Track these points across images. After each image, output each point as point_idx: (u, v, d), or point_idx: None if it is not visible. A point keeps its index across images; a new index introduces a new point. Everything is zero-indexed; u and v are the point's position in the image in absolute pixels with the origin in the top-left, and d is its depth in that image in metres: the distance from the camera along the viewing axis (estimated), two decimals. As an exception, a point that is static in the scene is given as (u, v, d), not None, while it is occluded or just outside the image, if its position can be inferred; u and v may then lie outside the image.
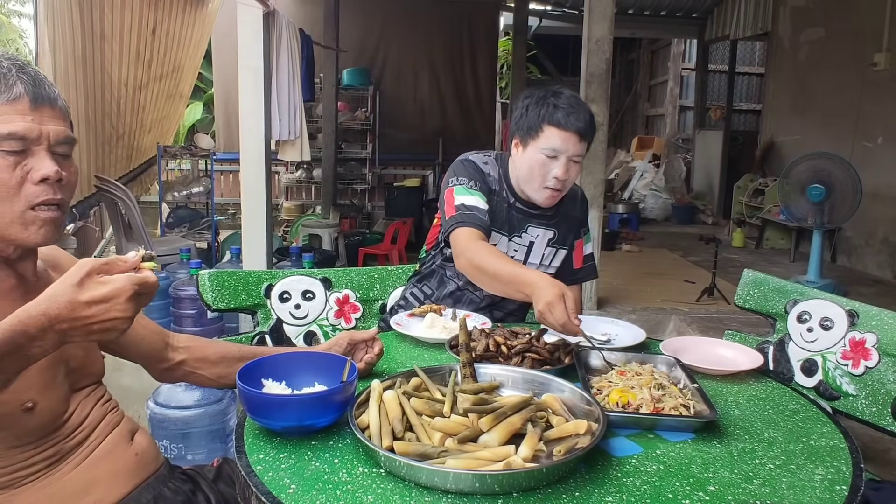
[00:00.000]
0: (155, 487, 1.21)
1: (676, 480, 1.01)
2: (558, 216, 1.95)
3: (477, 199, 1.83)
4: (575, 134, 1.75)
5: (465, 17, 9.03)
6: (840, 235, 5.94)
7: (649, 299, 4.45)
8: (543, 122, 1.77)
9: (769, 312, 1.87)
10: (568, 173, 1.79)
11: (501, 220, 1.90)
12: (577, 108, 1.77)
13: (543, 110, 1.77)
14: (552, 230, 1.94)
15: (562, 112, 1.75)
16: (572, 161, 1.79)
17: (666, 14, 9.11)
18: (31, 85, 0.97)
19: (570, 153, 1.77)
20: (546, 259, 1.96)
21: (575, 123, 1.75)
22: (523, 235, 1.92)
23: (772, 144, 7.36)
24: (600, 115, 3.84)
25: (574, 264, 2.03)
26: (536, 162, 1.79)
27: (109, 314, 0.84)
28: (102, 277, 0.84)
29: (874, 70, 5.43)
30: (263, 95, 3.62)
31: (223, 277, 1.92)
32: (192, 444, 2.29)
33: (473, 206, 1.82)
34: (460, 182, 1.86)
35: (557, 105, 1.76)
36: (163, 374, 1.35)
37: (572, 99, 1.79)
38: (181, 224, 5.85)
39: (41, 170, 0.97)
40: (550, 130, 1.77)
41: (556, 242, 1.96)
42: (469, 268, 1.76)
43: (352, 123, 8.42)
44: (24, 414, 1.02)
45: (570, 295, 1.50)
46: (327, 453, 1.07)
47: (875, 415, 1.61)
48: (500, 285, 1.69)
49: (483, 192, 1.85)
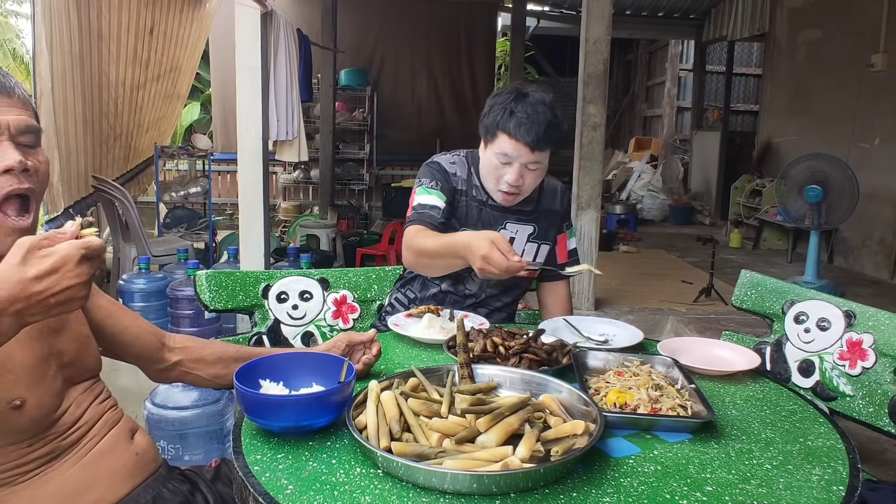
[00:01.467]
0: (154, 488, 1.20)
1: (674, 481, 1.02)
2: (538, 211, 1.95)
3: (434, 197, 1.86)
4: (524, 145, 1.73)
5: (463, 18, 9.04)
6: (837, 236, 5.95)
7: (647, 300, 4.46)
8: (498, 127, 1.77)
9: (766, 313, 1.87)
10: (522, 179, 1.79)
11: (473, 218, 1.90)
12: (534, 118, 1.73)
13: (500, 115, 1.76)
14: (532, 225, 1.94)
15: (515, 121, 1.73)
16: (527, 168, 1.78)
17: (663, 15, 9.12)
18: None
19: (524, 161, 1.76)
20: (528, 255, 1.95)
21: (525, 136, 1.72)
22: (501, 232, 1.91)
23: (769, 145, 7.37)
24: (597, 116, 3.84)
25: (558, 259, 2.03)
26: (492, 164, 1.81)
27: (62, 283, 0.81)
28: (44, 251, 0.82)
29: (871, 71, 5.44)
30: (261, 96, 3.62)
31: (221, 278, 1.91)
32: (189, 444, 2.28)
33: (427, 204, 1.85)
34: (422, 183, 1.90)
35: (514, 112, 1.74)
36: (159, 375, 1.35)
37: (533, 107, 1.74)
38: (178, 224, 5.84)
39: (4, 160, 0.96)
40: (503, 137, 1.76)
41: (537, 238, 1.96)
42: (412, 259, 1.80)
43: (349, 124, 8.42)
44: (13, 412, 1.01)
45: (500, 237, 1.54)
46: (325, 454, 1.06)
47: (872, 415, 1.61)
48: (440, 261, 1.72)
49: (444, 191, 1.87)
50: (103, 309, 1.25)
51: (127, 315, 1.30)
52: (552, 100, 1.81)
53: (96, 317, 1.23)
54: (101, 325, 1.24)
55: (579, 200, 3.89)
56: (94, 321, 1.22)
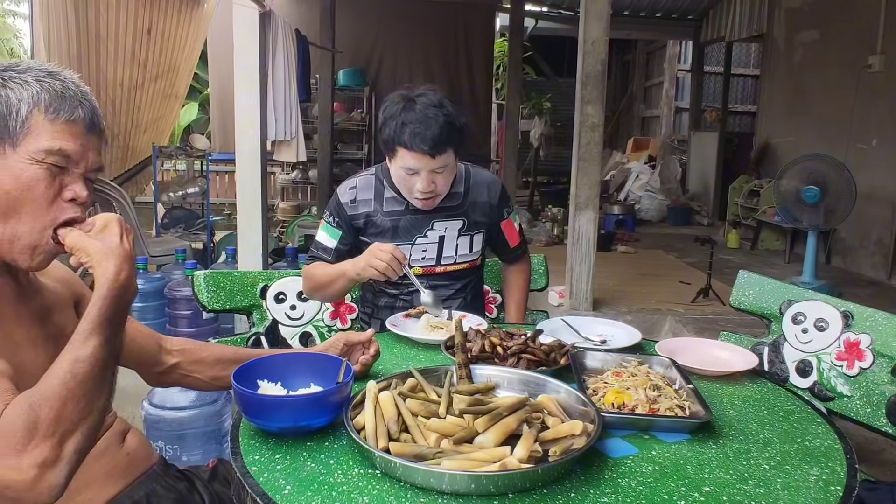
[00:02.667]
0: (147, 485, 1.21)
1: (672, 481, 1.02)
2: (466, 204, 1.95)
3: (327, 236, 1.94)
4: (423, 155, 1.73)
5: (461, 18, 9.03)
6: (835, 237, 5.96)
7: (645, 300, 4.46)
8: (395, 142, 1.76)
9: (764, 313, 1.87)
10: (432, 184, 1.79)
11: (396, 229, 1.91)
12: (427, 124, 1.71)
13: (393, 129, 1.75)
14: (461, 219, 1.94)
15: (409, 132, 1.72)
16: (434, 173, 1.77)
17: (661, 15, 9.13)
18: (90, 113, 1.02)
19: (428, 168, 1.76)
20: (462, 248, 1.96)
21: (421, 146, 1.71)
22: (429, 234, 1.92)
23: (767, 146, 7.37)
24: (596, 117, 3.84)
25: (511, 243, 2.07)
26: (400, 177, 1.82)
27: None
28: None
29: (869, 72, 5.45)
30: (259, 96, 3.62)
31: (218, 278, 1.91)
32: (187, 445, 2.28)
33: (320, 243, 1.94)
34: (325, 217, 1.97)
35: (406, 122, 1.73)
36: (157, 378, 1.35)
37: (423, 113, 1.73)
38: (176, 225, 5.83)
39: (75, 189, 1.01)
40: (402, 151, 1.76)
41: (469, 229, 1.96)
42: (312, 292, 1.92)
43: (348, 124, 8.41)
44: None
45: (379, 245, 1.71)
46: (323, 454, 1.06)
47: (869, 415, 1.61)
48: (332, 287, 1.84)
49: (340, 226, 1.92)
50: None
51: None
52: (441, 99, 1.78)
53: None
54: None
55: (577, 201, 3.89)
56: None
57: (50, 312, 1.11)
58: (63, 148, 0.98)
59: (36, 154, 0.96)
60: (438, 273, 1.94)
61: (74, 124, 0.99)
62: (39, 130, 0.97)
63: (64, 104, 0.99)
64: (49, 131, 0.97)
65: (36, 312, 1.08)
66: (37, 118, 0.97)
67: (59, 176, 1.00)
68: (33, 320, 1.07)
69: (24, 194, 0.97)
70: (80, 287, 1.25)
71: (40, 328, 1.07)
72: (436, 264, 1.94)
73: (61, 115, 0.98)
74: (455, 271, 1.96)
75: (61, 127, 0.98)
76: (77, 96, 1.00)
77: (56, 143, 0.98)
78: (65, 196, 1.00)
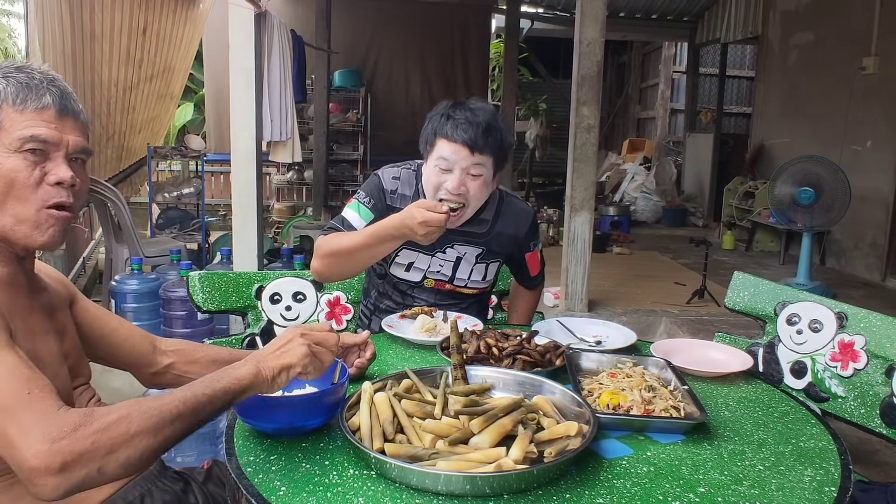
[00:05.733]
0: (142, 485, 1.20)
1: (667, 482, 1.02)
2: (491, 234, 1.91)
3: (357, 216, 1.86)
4: (463, 146, 1.70)
5: (457, 19, 9.04)
6: (829, 238, 5.98)
7: (640, 301, 4.47)
8: (435, 134, 1.75)
9: (759, 315, 1.88)
10: (463, 187, 1.73)
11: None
12: (472, 122, 1.71)
13: (437, 123, 1.75)
14: (481, 248, 1.91)
15: (452, 123, 1.72)
16: (469, 175, 1.73)
17: (657, 17, 9.15)
18: (59, 97, 1.05)
19: (463, 165, 1.72)
20: (476, 275, 1.92)
21: (462, 135, 1.70)
22: (448, 251, 1.89)
23: (762, 147, 7.40)
24: (591, 118, 3.85)
25: (531, 272, 2.05)
26: (433, 174, 1.77)
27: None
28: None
29: (863, 74, 5.47)
30: (255, 96, 3.61)
31: (213, 279, 1.91)
32: (181, 446, 2.25)
33: (347, 220, 1.86)
34: (357, 196, 1.91)
35: (451, 116, 1.73)
36: (151, 379, 1.35)
37: (472, 111, 1.73)
38: (171, 225, 5.82)
39: (58, 173, 1.04)
40: (441, 142, 1.74)
41: (485, 258, 1.93)
42: (322, 264, 1.80)
43: (343, 125, 8.41)
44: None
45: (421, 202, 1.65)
46: (318, 455, 1.06)
47: (864, 416, 1.62)
48: (364, 251, 1.74)
49: (375, 209, 1.86)
50: (89, 313, 1.27)
51: (114, 318, 1.32)
52: (494, 110, 1.80)
53: (83, 320, 1.24)
54: (89, 329, 1.25)
55: (572, 202, 3.90)
56: (82, 325, 1.23)
57: (54, 309, 1.15)
58: (35, 134, 1.01)
59: (11, 144, 1.01)
60: (448, 290, 1.93)
61: (44, 110, 1.03)
62: (11, 122, 1.01)
63: (31, 93, 1.02)
64: (19, 121, 1.01)
65: (45, 306, 1.11)
66: (7, 112, 1.01)
67: (40, 163, 1.03)
68: (43, 313, 1.10)
69: (9, 183, 1.01)
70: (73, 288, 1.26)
71: (49, 322, 1.11)
72: (447, 282, 1.92)
73: (29, 104, 1.02)
74: (464, 294, 1.95)
75: (31, 115, 1.02)
76: (43, 83, 1.04)
77: (28, 131, 1.01)
78: (49, 180, 1.03)
